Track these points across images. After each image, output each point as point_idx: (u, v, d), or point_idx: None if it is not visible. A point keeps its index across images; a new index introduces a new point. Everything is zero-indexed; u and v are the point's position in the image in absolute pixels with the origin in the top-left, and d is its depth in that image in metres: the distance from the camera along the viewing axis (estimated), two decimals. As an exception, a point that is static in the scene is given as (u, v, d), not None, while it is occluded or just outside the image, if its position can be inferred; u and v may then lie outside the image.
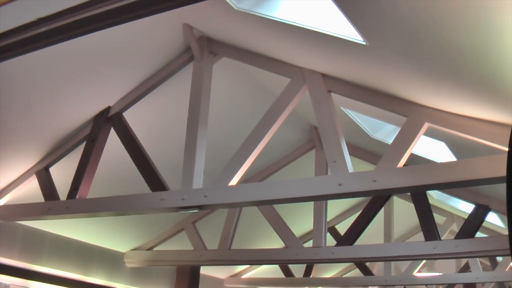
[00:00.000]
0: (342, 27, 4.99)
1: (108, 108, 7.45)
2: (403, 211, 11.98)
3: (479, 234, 8.76)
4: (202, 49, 6.94)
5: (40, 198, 7.57)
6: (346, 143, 6.00)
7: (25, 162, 7.78)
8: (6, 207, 7.82)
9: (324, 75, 6.23)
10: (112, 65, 7.00)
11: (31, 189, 7.96)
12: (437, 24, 4.00)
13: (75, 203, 7.09)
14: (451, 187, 7.23)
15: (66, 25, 3.80)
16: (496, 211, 8.99)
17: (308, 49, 6.00)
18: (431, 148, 8.20)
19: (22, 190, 8.01)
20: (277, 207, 9.52)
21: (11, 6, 4.28)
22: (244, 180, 7.40)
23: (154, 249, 10.83)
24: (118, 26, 3.82)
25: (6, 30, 4.05)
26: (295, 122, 9.13)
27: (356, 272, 15.02)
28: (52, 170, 7.80)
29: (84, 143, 7.50)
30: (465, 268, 14.07)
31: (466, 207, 11.23)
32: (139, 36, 6.71)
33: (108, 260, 10.50)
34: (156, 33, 6.80)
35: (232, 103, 8.34)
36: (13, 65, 5.88)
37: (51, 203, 7.34)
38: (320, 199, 8.42)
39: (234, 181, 6.23)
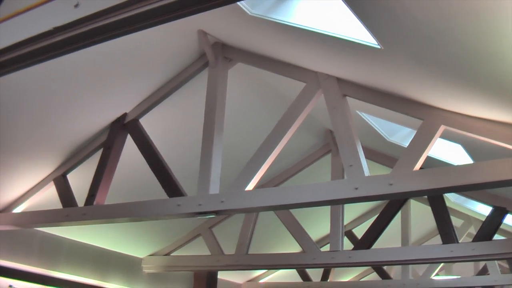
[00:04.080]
0: (357, 32, 4.99)
1: (125, 115, 7.49)
2: (420, 214, 11.94)
3: (497, 237, 8.71)
4: (217, 54, 6.96)
5: (58, 205, 7.60)
6: (362, 146, 5.99)
7: (43, 169, 7.83)
8: (24, 213, 7.86)
9: (339, 79, 6.23)
10: (128, 72, 7.03)
11: (49, 196, 8.01)
12: (453, 28, 3.99)
13: (93, 210, 7.12)
14: (468, 190, 7.18)
15: (82, 34, 3.83)
16: (514, 213, 8.94)
17: (322, 53, 6.00)
18: (447, 151, 8.17)
19: (40, 197, 8.06)
20: (294, 211, 9.52)
21: (27, 16, 4.32)
22: (260, 185, 7.42)
23: (172, 254, 10.85)
24: (133, 33, 3.85)
25: (23, 39, 4.09)
26: (310, 127, 9.13)
27: (373, 276, 14.98)
28: (70, 176, 7.84)
29: (101, 150, 7.54)
30: (483, 271, 13.97)
31: (483, 210, 11.17)
32: (154, 43, 6.75)
33: (126, 266, 10.54)
34: (171, 39, 6.83)
35: (247, 108, 8.35)
36: (31, 73, 5.94)
37: (68, 209, 7.38)
38: (337, 203, 8.41)
39: (250, 186, 6.23)
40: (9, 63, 4.20)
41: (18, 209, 8.05)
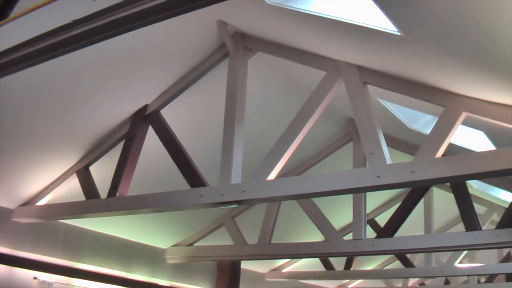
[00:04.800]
0: (377, 19, 4.97)
1: (146, 106, 7.51)
2: (443, 201, 11.88)
3: (520, 224, 8.63)
4: (237, 44, 6.96)
5: (81, 197, 7.66)
6: (383, 134, 5.97)
7: (66, 162, 7.88)
8: (48, 206, 7.93)
9: (359, 67, 6.20)
10: (148, 64, 7.05)
11: (72, 188, 8.07)
12: (474, 14, 3.96)
13: (116, 201, 7.16)
14: (491, 177, 7.11)
15: (101, 26, 3.84)
16: (538, 200, 8.85)
17: (342, 41, 5.98)
18: (469, 138, 8.11)
19: (63, 189, 8.11)
20: (316, 200, 9.50)
21: (46, 9, 4.34)
22: (282, 175, 7.39)
23: (195, 244, 10.89)
24: (153, 24, 3.85)
25: (42, 33, 4.10)
26: (331, 115, 9.11)
27: (397, 264, 14.93)
28: (92, 169, 7.89)
29: (123, 142, 7.57)
30: (507, 258, 13.90)
31: (506, 196, 11.09)
32: (174, 34, 6.75)
33: (150, 257, 10.59)
34: (190, 30, 6.83)
35: (268, 98, 8.34)
36: (51, 67, 5.96)
37: (91, 201, 7.43)
38: (359, 192, 8.38)
39: (272, 176, 6.23)
40: (29, 57, 4.22)
41: (41, 202, 8.12)
